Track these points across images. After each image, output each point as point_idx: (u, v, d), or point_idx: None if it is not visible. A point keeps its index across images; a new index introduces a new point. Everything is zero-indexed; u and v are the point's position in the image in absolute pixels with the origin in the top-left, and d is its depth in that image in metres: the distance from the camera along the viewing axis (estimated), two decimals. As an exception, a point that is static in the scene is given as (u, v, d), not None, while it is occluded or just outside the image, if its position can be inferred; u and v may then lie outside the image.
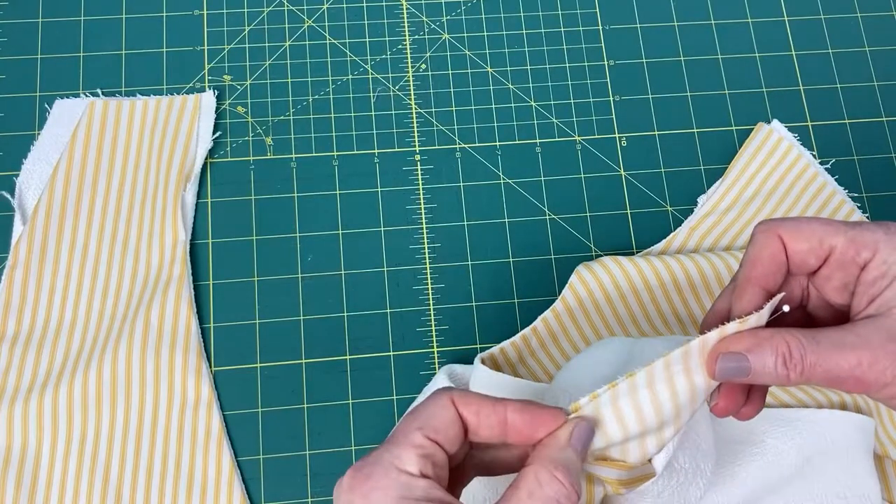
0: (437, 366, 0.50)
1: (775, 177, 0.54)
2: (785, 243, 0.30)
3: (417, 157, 0.54)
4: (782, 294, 0.30)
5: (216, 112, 0.54)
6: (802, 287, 0.33)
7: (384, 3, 0.58)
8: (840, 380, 0.28)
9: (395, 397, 0.49)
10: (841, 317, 0.32)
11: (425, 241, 0.52)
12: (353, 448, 0.48)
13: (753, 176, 0.54)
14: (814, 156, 0.56)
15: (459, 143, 0.55)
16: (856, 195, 0.55)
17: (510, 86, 0.56)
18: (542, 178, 0.54)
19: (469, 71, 0.56)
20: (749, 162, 0.54)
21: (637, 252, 0.53)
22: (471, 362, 0.49)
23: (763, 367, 0.29)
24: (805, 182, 0.54)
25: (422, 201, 0.53)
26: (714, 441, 0.39)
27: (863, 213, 0.54)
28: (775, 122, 0.56)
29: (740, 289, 0.31)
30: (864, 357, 0.28)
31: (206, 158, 0.53)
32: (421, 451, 0.28)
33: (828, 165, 0.55)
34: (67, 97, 0.53)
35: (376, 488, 0.28)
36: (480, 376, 0.44)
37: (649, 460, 0.33)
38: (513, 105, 0.56)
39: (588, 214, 0.54)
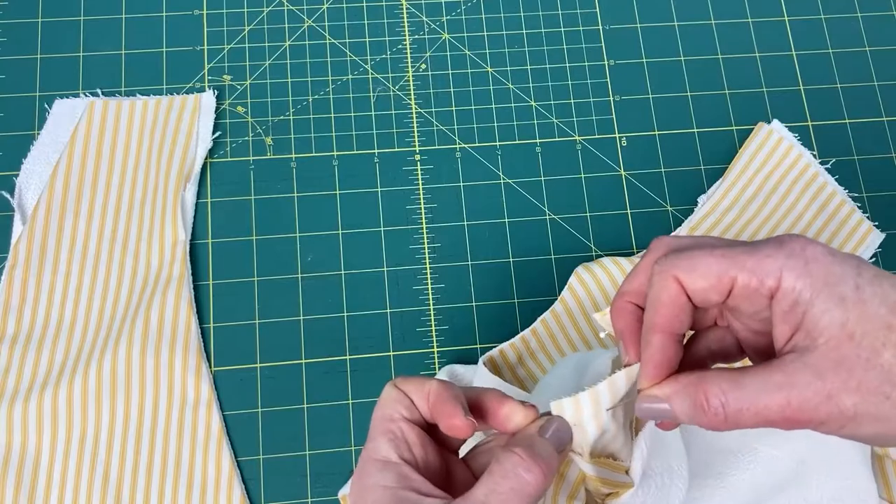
0: (437, 366, 0.50)
1: (776, 177, 0.54)
2: (682, 283, 0.28)
3: (417, 157, 0.54)
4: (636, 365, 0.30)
5: (216, 112, 0.54)
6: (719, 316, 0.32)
7: (384, 3, 0.58)
8: (772, 421, 0.27)
9: (395, 397, 0.49)
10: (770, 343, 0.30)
11: (425, 241, 0.52)
12: (353, 448, 0.48)
13: (754, 176, 0.54)
14: (814, 156, 0.56)
15: (459, 143, 0.55)
16: (856, 195, 0.55)
17: (510, 86, 0.56)
18: (542, 178, 0.54)
19: (469, 71, 0.56)
20: (749, 162, 0.54)
21: (637, 252, 0.53)
22: (471, 362, 0.49)
23: (683, 413, 0.28)
24: (805, 182, 0.54)
25: (422, 201, 0.53)
26: (682, 440, 0.39)
27: (863, 213, 0.54)
28: (775, 122, 0.56)
29: (646, 334, 0.30)
30: (793, 397, 0.26)
31: (206, 158, 0.53)
32: (391, 435, 0.30)
33: (828, 165, 0.55)
34: (67, 97, 0.53)
35: (365, 486, 0.29)
36: (483, 380, 0.44)
37: (626, 471, 0.33)
38: (513, 105, 0.56)
39: (588, 214, 0.54)
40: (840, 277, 0.26)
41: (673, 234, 0.53)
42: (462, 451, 0.34)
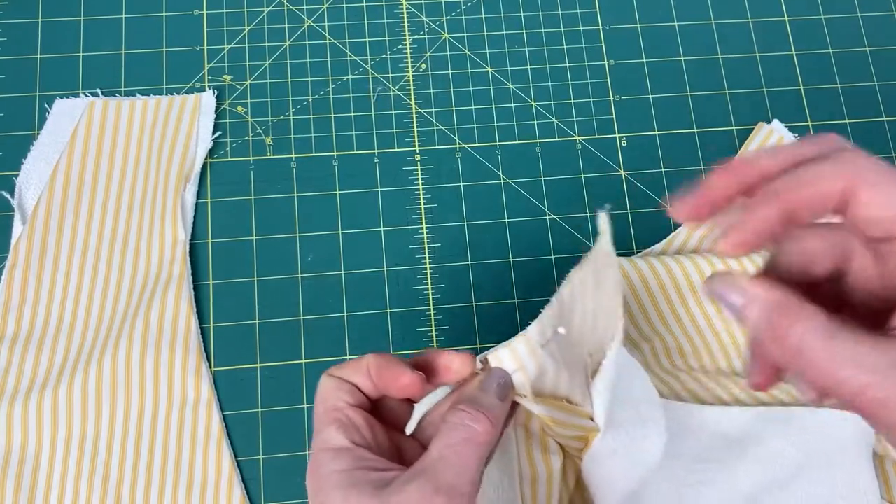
0: (437, 366, 0.49)
1: None
2: (856, 191, 0.24)
3: (417, 157, 0.54)
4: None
5: (216, 112, 0.54)
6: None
7: (384, 3, 0.58)
8: (842, 397, 0.23)
9: (395, 397, 0.49)
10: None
11: (425, 241, 0.52)
12: (353, 448, 0.48)
13: None
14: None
15: (459, 143, 0.55)
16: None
17: (510, 86, 0.56)
18: (542, 178, 0.54)
19: (469, 71, 0.56)
20: None
21: (637, 252, 0.53)
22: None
23: (754, 323, 0.25)
24: None
25: (422, 201, 0.53)
26: (654, 392, 0.38)
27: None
28: (775, 122, 0.56)
29: (762, 199, 0.25)
30: (876, 390, 0.22)
31: (206, 158, 0.53)
32: (338, 423, 0.30)
33: (828, 165, 0.55)
34: (67, 97, 0.53)
35: (321, 476, 0.29)
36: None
37: (591, 418, 0.34)
38: (513, 105, 0.56)
39: (588, 214, 0.54)
40: None
41: (673, 234, 0.53)
42: (409, 429, 0.34)
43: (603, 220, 0.33)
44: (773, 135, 0.55)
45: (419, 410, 0.35)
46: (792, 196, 0.24)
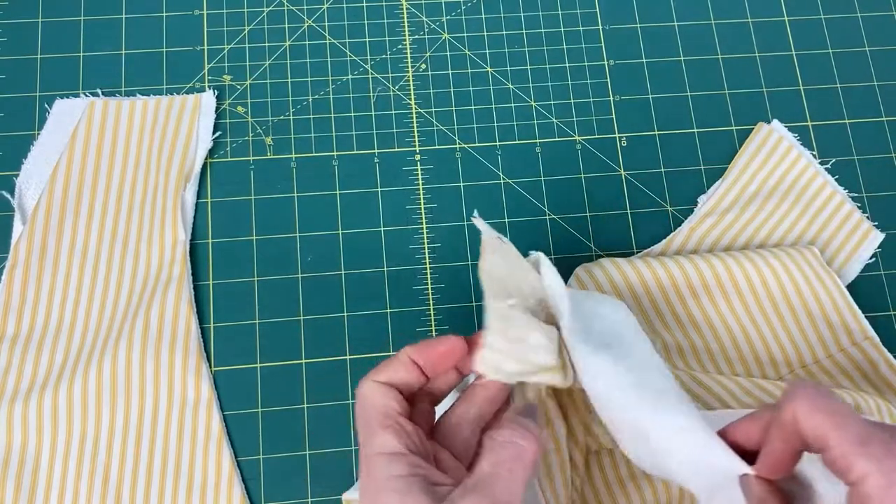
0: (437, 366, 0.50)
1: (775, 177, 0.54)
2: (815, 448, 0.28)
3: (417, 157, 0.54)
4: None
5: (216, 112, 0.54)
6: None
7: (384, 3, 0.58)
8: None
9: (395, 397, 0.49)
10: None
11: (425, 241, 0.52)
12: (352, 448, 0.48)
13: (753, 176, 0.54)
14: (814, 156, 0.56)
15: (459, 143, 0.55)
16: (856, 195, 0.55)
17: (510, 86, 0.56)
18: (542, 178, 0.54)
19: (469, 71, 0.56)
20: (749, 162, 0.54)
21: (637, 252, 0.53)
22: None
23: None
24: (805, 182, 0.54)
25: (422, 201, 0.53)
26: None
27: (863, 213, 0.54)
28: (775, 122, 0.56)
29: (777, 446, 0.29)
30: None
31: (206, 158, 0.53)
32: (394, 429, 0.31)
33: (828, 165, 0.55)
34: (67, 97, 0.53)
35: (378, 480, 0.30)
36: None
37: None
38: (513, 105, 0.56)
39: (588, 214, 0.54)
40: None
41: (673, 234, 0.53)
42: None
43: (478, 220, 0.37)
44: (772, 135, 0.55)
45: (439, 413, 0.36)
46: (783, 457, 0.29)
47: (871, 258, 0.53)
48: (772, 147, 0.54)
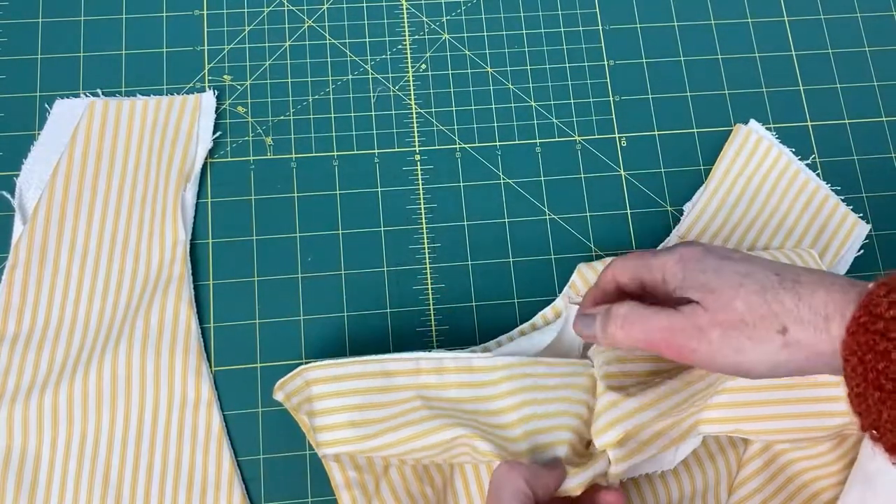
0: (437, 366, 0.49)
1: (758, 177, 0.54)
2: (617, 279, 0.41)
3: (417, 157, 0.54)
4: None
5: (216, 112, 0.54)
6: None
7: (384, 3, 0.58)
8: (656, 342, 0.36)
9: (395, 397, 0.49)
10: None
11: (425, 241, 0.52)
12: (353, 448, 0.48)
13: (736, 178, 0.54)
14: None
15: (459, 143, 0.55)
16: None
17: (510, 86, 0.56)
18: (542, 178, 0.54)
19: (469, 71, 0.56)
20: (731, 165, 0.54)
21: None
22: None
23: (599, 324, 0.39)
24: (788, 179, 0.54)
25: (422, 201, 0.53)
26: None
27: (853, 210, 0.54)
28: (752, 123, 0.56)
29: (594, 289, 0.43)
30: (674, 322, 0.36)
31: (206, 158, 0.53)
32: None
33: (807, 161, 0.55)
34: (67, 97, 0.53)
35: None
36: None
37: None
38: (513, 105, 0.56)
39: (588, 214, 0.54)
40: (704, 262, 0.36)
41: (663, 244, 0.53)
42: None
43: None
44: (751, 135, 0.55)
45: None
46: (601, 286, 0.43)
47: (859, 250, 0.53)
48: (752, 148, 0.54)
